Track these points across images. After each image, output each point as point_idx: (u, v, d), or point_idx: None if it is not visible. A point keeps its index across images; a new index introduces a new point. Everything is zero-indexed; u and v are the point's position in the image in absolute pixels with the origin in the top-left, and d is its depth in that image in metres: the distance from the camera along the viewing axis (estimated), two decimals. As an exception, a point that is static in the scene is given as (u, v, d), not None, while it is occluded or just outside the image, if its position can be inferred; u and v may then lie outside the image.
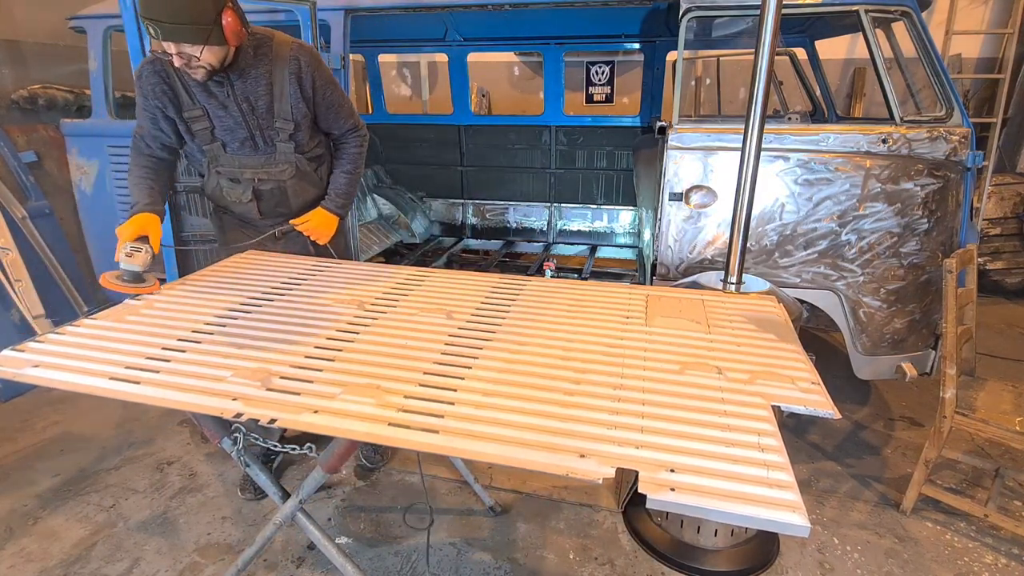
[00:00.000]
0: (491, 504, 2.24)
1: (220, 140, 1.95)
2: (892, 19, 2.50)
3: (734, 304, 1.73)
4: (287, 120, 1.94)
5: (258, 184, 2.03)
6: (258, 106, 1.91)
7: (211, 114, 1.91)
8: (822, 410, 1.17)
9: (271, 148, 1.99)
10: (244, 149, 1.98)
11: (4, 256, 3.12)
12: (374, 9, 2.75)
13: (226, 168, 2.00)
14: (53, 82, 3.89)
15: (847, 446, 2.69)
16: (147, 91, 1.86)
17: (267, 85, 1.89)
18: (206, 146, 1.96)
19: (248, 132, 1.95)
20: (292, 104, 1.92)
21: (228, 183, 2.03)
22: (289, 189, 2.07)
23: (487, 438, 1.04)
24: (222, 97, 1.87)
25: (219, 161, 1.99)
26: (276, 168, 2.01)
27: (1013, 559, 2.03)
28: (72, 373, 1.27)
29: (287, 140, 1.98)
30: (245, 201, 2.05)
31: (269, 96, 1.90)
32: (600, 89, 5.46)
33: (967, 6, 4.98)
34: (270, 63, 1.88)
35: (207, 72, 1.76)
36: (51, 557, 2.03)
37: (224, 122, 1.92)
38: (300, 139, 2.00)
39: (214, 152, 1.97)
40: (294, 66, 1.88)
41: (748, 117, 1.85)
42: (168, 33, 1.62)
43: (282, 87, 1.90)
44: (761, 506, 0.89)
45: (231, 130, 1.93)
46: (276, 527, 1.58)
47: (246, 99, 1.89)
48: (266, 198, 2.08)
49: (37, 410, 2.96)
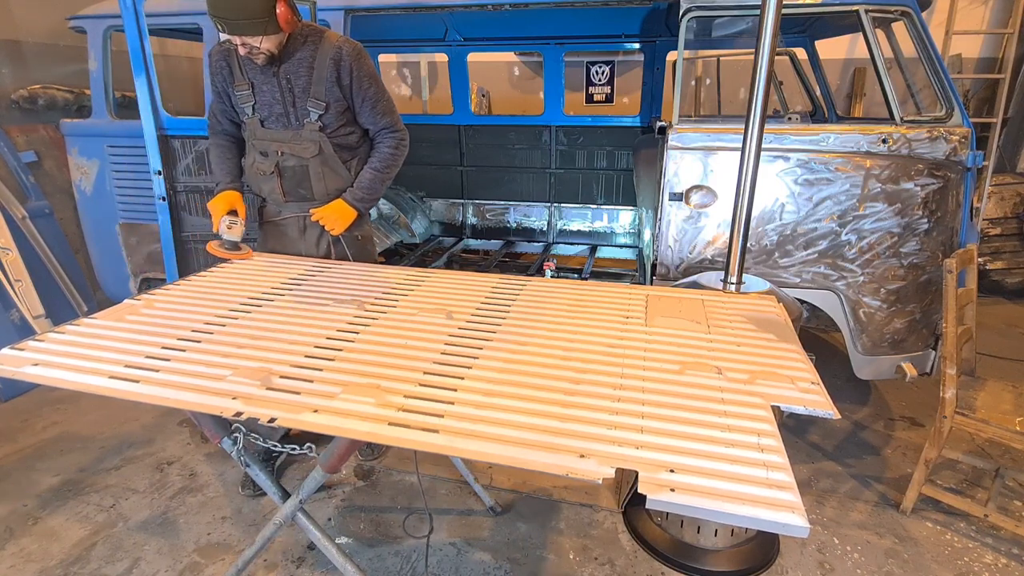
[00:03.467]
0: (491, 504, 2.24)
1: (259, 115, 2.10)
2: (892, 19, 2.50)
3: (734, 304, 1.73)
4: (319, 100, 2.05)
5: (282, 159, 2.12)
6: (296, 84, 2.05)
7: (255, 88, 2.07)
8: (822, 410, 1.17)
9: (300, 125, 2.10)
10: (278, 124, 2.11)
11: (4, 256, 3.12)
12: (374, 9, 2.75)
13: (260, 141, 2.13)
14: (53, 82, 3.88)
15: (847, 446, 2.69)
16: (214, 69, 2.11)
17: (308, 67, 2.04)
18: (247, 119, 2.12)
19: (283, 108, 2.08)
20: (327, 87, 2.04)
21: (259, 156, 2.15)
22: (311, 169, 2.14)
23: (487, 438, 1.04)
24: (268, 73, 2.04)
25: (256, 134, 2.13)
26: (300, 145, 2.10)
27: (1013, 559, 2.03)
28: (72, 372, 1.27)
29: (315, 120, 2.08)
30: (268, 173, 2.14)
31: (308, 77, 2.04)
32: (600, 89, 5.46)
33: (967, 6, 4.98)
34: (315, 49, 2.03)
35: (267, 57, 1.97)
36: (51, 557, 2.03)
37: (264, 96, 2.08)
38: (328, 120, 2.09)
39: (253, 125, 2.12)
40: (336, 54, 2.02)
41: (748, 117, 1.85)
42: (233, 28, 1.84)
43: (321, 71, 2.03)
44: (761, 506, 0.89)
45: (269, 104, 2.08)
46: (276, 527, 1.58)
47: (287, 77, 2.04)
48: (288, 176, 2.15)
49: (37, 410, 2.96)
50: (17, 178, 3.52)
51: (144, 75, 2.51)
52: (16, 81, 3.72)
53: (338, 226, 2.14)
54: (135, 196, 3.00)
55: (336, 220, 2.13)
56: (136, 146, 2.80)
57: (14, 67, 3.71)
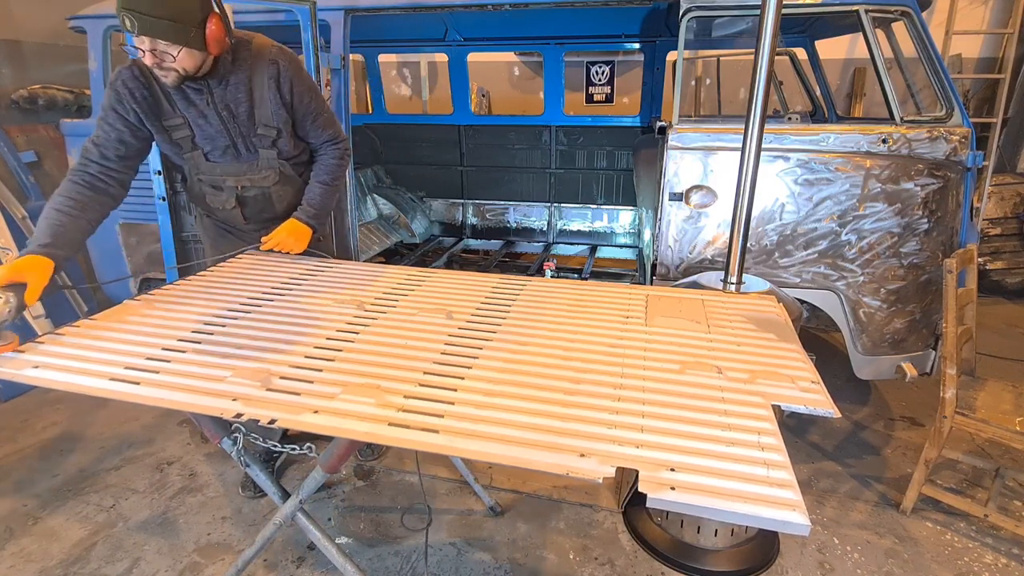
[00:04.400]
0: (491, 504, 2.24)
1: (201, 148, 1.90)
2: (892, 19, 2.50)
3: (734, 304, 1.73)
4: (268, 127, 1.89)
5: (241, 191, 1.99)
6: (239, 113, 1.85)
7: (191, 123, 1.85)
8: (822, 409, 1.17)
9: (254, 155, 1.94)
10: (226, 157, 1.92)
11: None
12: (374, 9, 2.75)
13: (207, 176, 1.95)
14: (53, 82, 3.88)
15: (847, 446, 2.69)
16: (123, 95, 1.74)
17: (247, 91, 1.83)
18: (187, 154, 1.90)
19: (230, 140, 1.89)
20: (272, 110, 1.87)
21: (211, 190, 1.99)
22: (273, 195, 2.03)
23: (487, 438, 1.04)
24: (202, 105, 1.81)
25: (200, 169, 1.94)
26: (259, 175, 1.97)
27: (1013, 559, 2.03)
28: (72, 374, 1.26)
29: (270, 147, 1.93)
30: (229, 208, 2.01)
31: (249, 102, 1.85)
32: (600, 89, 5.46)
33: (967, 6, 4.98)
34: (249, 68, 1.82)
35: (178, 76, 1.67)
36: (51, 557, 2.03)
37: (205, 131, 1.86)
38: (283, 145, 1.95)
39: (195, 160, 1.92)
40: (272, 71, 1.83)
41: (748, 117, 1.85)
42: (145, 27, 1.52)
43: (262, 93, 1.84)
44: (761, 505, 0.89)
45: (212, 138, 1.88)
46: (276, 527, 1.58)
47: (226, 107, 1.83)
48: (250, 204, 2.04)
49: (37, 410, 2.96)
50: (17, 178, 3.52)
51: (144, 75, 2.51)
52: (16, 81, 3.72)
53: (297, 247, 2.01)
54: (135, 196, 2.95)
55: (293, 242, 1.99)
56: (136, 146, 2.80)
57: (14, 67, 3.71)
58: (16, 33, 3.72)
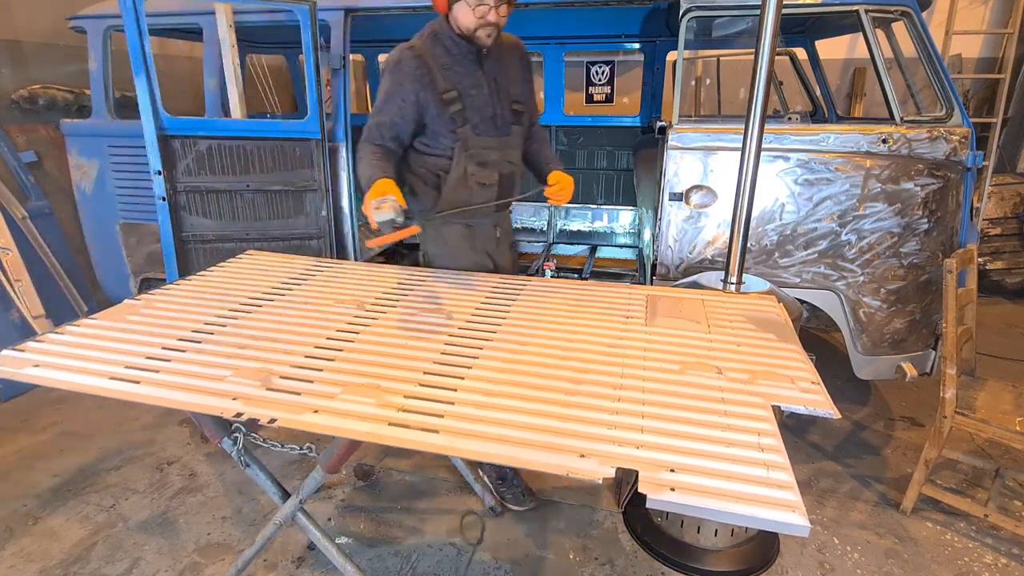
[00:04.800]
0: (491, 504, 2.24)
1: (470, 122, 1.91)
2: (892, 19, 2.50)
3: (734, 304, 1.73)
4: (519, 103, 1.96)
5: (503, 168, 1.99)
6: (501, 84, 1.93)
7: (463, 94, 1.88)
8: (822, 410, 1.18)
9: (507, 130, 1.98)
10: (488, 129, 1.95)
11: (4, 256, 3.12)
12: (374, 9, 2.74)
13: (475, 150, 1.94)
14: (53, 82, 3.88)
15: (847, 446, 2.69)
16: (408, 75, 1.82)
17: (506, 65, 1.94)
18: (459, 129, 1.90)
19: (493, 111, 1.93)
20: (522, 88, 1.97)
21: (476, 168, 1.96)
22: (516, 175, 2.04)
23: (487, 438, 1.04)
24: (476, 75, 1.89)
25: (469, 144, 1.93)
26: (511, 151, 2.00)
27: (1013, 559, 2.03)
28: (72, 373, 1.27)
29: (518, 123, 1.98)
30: (490, 183, 1.98)
31: (507, 76, 1.94)
32: (600, 89, 5.45)
33: (967, 6, 4.98)
34: (502, 44, 1.94)
35: (497, 31, 1.83)
36: (51, 557, 2.03)
37: (474, 100, 1.90)
38: (525, 122, 2.01)
39: (465, 135, 1.91)
40: (519, 50, 1.97)
41: (748, 117, 1.85)
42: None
43: (514, 70, 1.95)
44: (761, 506, 0.89)
45: (479, 109, 1.91)
46: (276, 527, 1.58)
47: (493, 78, 1.91)
48: (504, 184, 2.02)
49: (37, 410, 2.96)
50: (17, 178, 3.52)
51: (144, 75, 2.51)
52: (16, 81, 3.72)
53: (568, 197, 1.98)
54: (135, 196, 2.99)
55: (569, 191, 1.96)
56: (136, 146, 2.80)
57: (14, 67, 3.71)
58: (16, 33, 3.71)
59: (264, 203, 2.77)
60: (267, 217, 2.79)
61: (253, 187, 2.73)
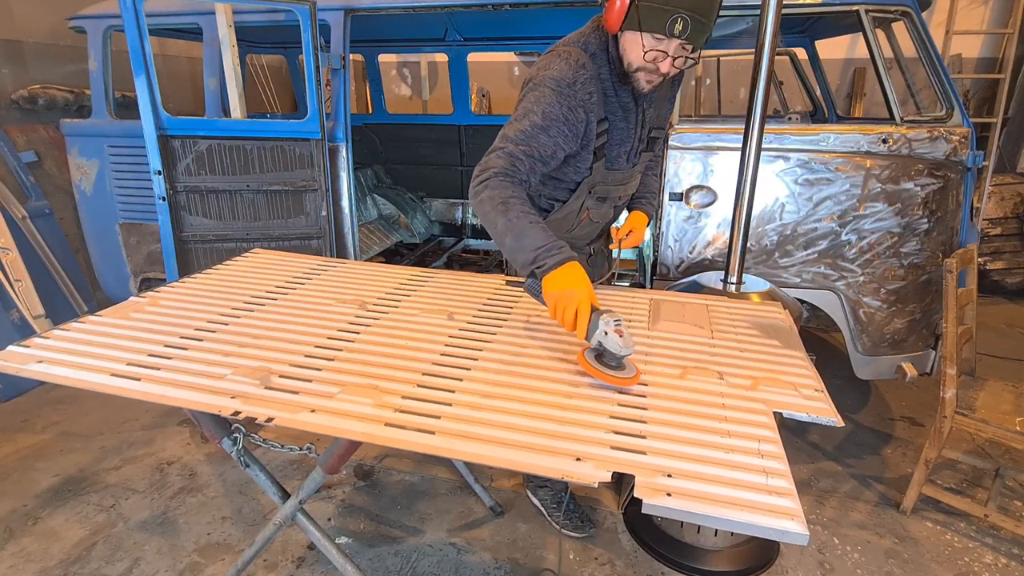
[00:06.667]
0: (491, 504, 2.24)
1: (608, 156, 1.64)
2: (892, 19, 2.50)
3: (738, 309, 1.73)
4: (659, 128, 1.71)
5: (618, 204, 1.78)
6: (649, 111, 1.64)
7: (613, 126, 1.60)
8: (825, 418, 1.17)
9: (636, 159, 1.70)
10: (620, 162, 1.67)
11: (4, 256, 3.12)
12: (374, 9, 2.74)
13: (602, 186, 1.68)
14: (53, 82, 3.88)
15: (847, 446, 2.69)
16: (582, 101, 1.47)
17: (662, 87, 1.61)
18: (596, 163, 1.61)
19: (633, 143, 1.65)
20: (668, 109, 1.71)
21: (594, 204, 1.71)
22: (621, 207, 1.81)
23: (483, 440, 1.04)
24: (629, 105, 1.58)
25: (596, 179, 1.65)
26: (633, 182, 1.74)
27: (1013, 559, 2.03)
28: (75, 369, 1.26)
29: (649, 149, 1.72)
30: (603, 221, 1.78)
31: (657, 101, 1.65)
32: (600, 89, 5.44)
33: (967, 6, 4.98)
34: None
35: (662, 79, 1.49)
36: (51, 557, 2.03)
37: (622, 132, 1.62)
38: (656, 149, 1.77)
39: (597, 170, 1.64)
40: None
41: (748, 117, 1.84)
42: (697, 32, 1.35)
43: (666, 88, 1.64)
44: (759, 513, 0.88)
45: (621, 142, 1.63)
46: (276, 527, 1.58)
47: (646, 105, 1.61)
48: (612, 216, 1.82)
49: (37, 410, 2.96)
50: (17, 178, 3.52)
51: (144, 75, 2.51)
52: (16, 81, 3.72)
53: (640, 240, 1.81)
54: (135, 196, 2.99)
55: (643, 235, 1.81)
56: (136, 146, 2.80)
57: (14, 67, 3.71)
58: (16, 33, 3.71)
59: (264, 203, 2.78)
60: (267, 217, 2.79)
61: (253, 187, 2.74)
